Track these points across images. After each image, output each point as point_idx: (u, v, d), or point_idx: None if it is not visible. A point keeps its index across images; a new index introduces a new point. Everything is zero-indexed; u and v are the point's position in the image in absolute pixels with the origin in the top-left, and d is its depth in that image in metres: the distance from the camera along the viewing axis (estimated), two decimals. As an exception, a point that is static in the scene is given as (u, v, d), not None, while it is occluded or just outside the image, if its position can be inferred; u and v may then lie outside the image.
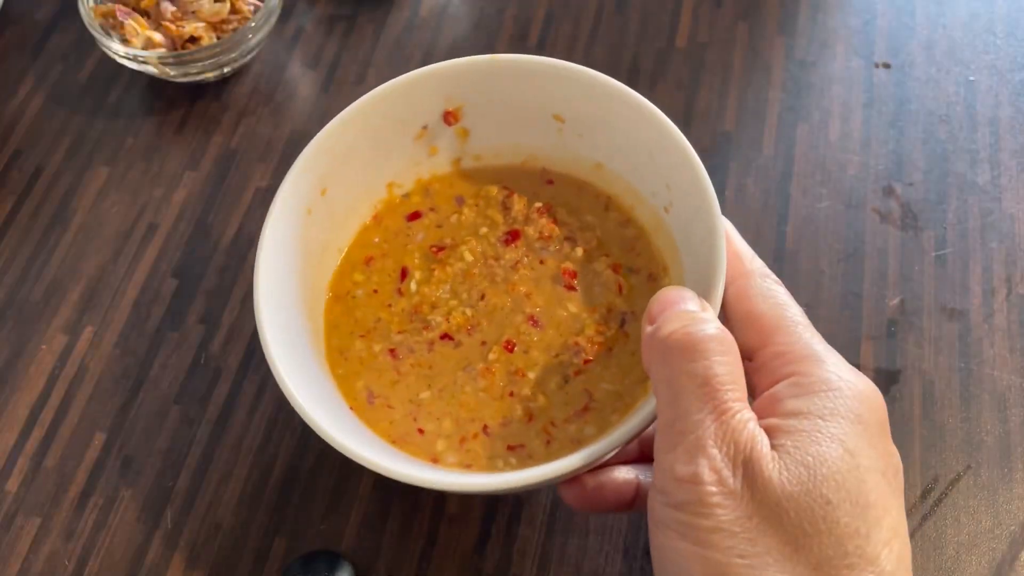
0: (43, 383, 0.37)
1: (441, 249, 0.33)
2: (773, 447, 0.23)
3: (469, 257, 0.33)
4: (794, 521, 0.22)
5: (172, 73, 0.42)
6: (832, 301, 0.38)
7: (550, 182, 0.34)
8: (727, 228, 0.28)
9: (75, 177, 0.42)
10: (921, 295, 0.38)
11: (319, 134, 0.32)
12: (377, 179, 0.34)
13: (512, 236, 0.33)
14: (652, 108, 0.30)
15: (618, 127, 0.32)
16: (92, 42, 0.46)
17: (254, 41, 0.43)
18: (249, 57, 0.44)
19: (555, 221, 0.33)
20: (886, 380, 0.36)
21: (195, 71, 0.42)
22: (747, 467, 0.22)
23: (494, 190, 0.34)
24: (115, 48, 0.42)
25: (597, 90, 0.32)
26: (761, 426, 0.23)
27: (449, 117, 0.33)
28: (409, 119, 0.33)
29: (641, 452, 0.30)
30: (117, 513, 0.34)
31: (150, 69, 0.42)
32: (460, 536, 0.33)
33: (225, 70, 0.44)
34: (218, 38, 0.43)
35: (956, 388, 0.36)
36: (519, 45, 0.45)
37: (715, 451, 0.22)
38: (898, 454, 0.25)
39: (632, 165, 0.33)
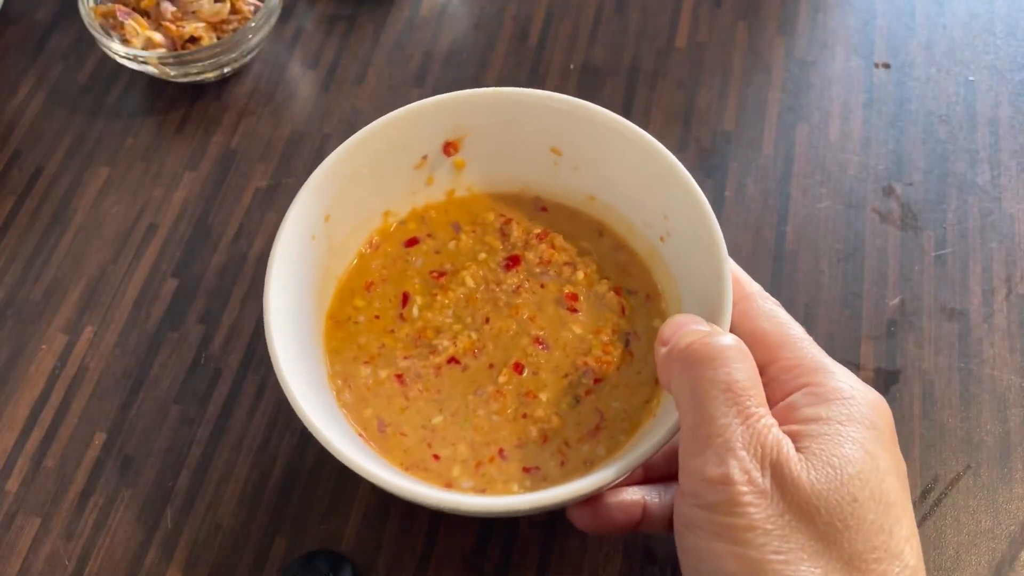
0: (43, 383, 0.37)
1: (442, 275, 0.34)
2: (797, 450, 0.24)
3: (470, 282, 0.33)
4: (824, 518, 0.23)
5: (172, 73, 0.42)
6: (832, 301, 0.38)
7: (544, 209, 0.35)
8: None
9: (75, 177, 0.42)
10: (921, 295, 0.38)
11: (327, 160, 0.32)
12: (375, 206, 0.34)
13: (512, 261, 0.34)
14: (653, 141, 0.31)
15: (617, 160, 0.33)
16: (92, 42, 0.45)
17: (254, 41, 0.43)
18: (249, 57, 0.44)
19: (554, 247, 0.34)
20: (886, 380, 0.36)
21: (195, 71, 0.42)
22: (775, 468, 0.23)
23: (491, 216, 0.35)
24: (115, 48, 0.42)
25: (599, 125, 0.32)
26: (783, 431, 0.24)
27: (449, 148, 0.34)
28: (411, 148, 0.34)
29: (645, 474, 0.31)
30: (117, 513, 0.34)
31: (150, 69, 0.42)
32: (460, 536, 0.33)
33: (225, 70, 0.43)
34: (218, 38, 0.43)
35: (956, 388, 0.36)
36: (519, 45, 0.45)
37: (743, 453, 0.23)
38: (904, 461, 0.26)
39: (627, 197, 0.33)
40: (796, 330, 0.28)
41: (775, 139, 0.42)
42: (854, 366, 0.37)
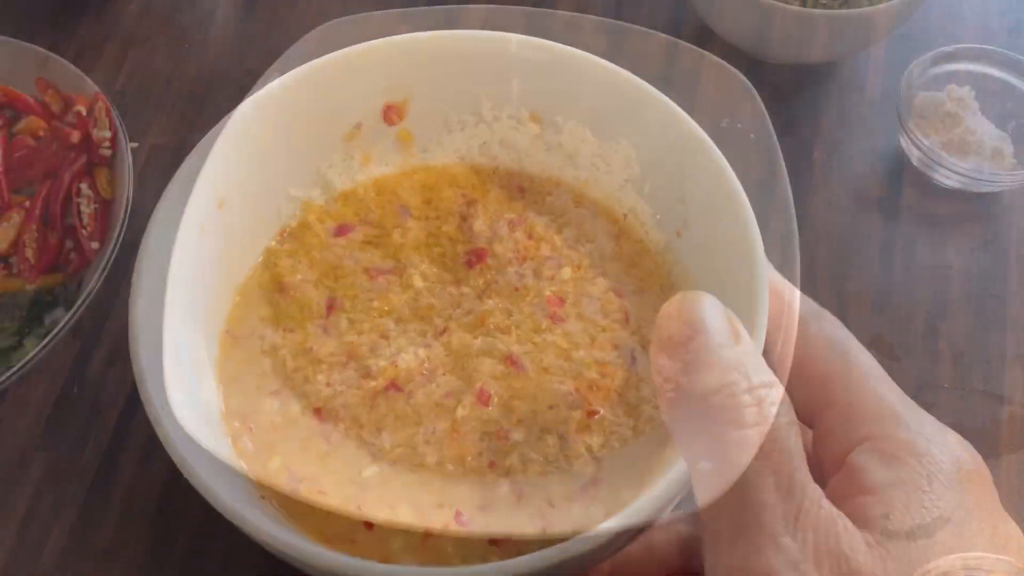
0: None
1: (381, 273, 0.32)
2: (860, 527, 0.23)
3: (420, 283, 0.32)
4: None
5: (36, -14, 0.39)
6: (961, 304, 0.36)
7: (521, 190, 0.34)
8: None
9: (-95, 131, 0.38)
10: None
11: (220, 125, 0.30)
12: (291, 192, 0.33)
13: (476, 257, 0.32)
14: (666, 100, 0.30)
15: (618, 129, 0.32)
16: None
17: (150, -60, 0.40)
18: (144, -36, 0.41)
19: (532, 237, 0.33)
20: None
21: (67, -17, 0.39)
22: (834, 559, 0.22)
23: (450, 197, 0.34)
24: (-45, -49, 0.38)
25: (590, 80, 0.31)
26: (846, 506, 0.24)
27: (391, 113, 0.33)
28: (339, 113, 0.32)
29: (683, 561, 0.29)
30: (-45, 606, 0.32)
31: (4, -20, 0.39)
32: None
33: (109, -19, 0.40)
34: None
35: None
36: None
37: (788, 540, 0.23)
38: (1019, 529, 0.25)
39: (632, 180, 0.32)
40: (860, 358, 0.27)
41: (883, 76, 0.40)
42: (996, 397, 0.35)
